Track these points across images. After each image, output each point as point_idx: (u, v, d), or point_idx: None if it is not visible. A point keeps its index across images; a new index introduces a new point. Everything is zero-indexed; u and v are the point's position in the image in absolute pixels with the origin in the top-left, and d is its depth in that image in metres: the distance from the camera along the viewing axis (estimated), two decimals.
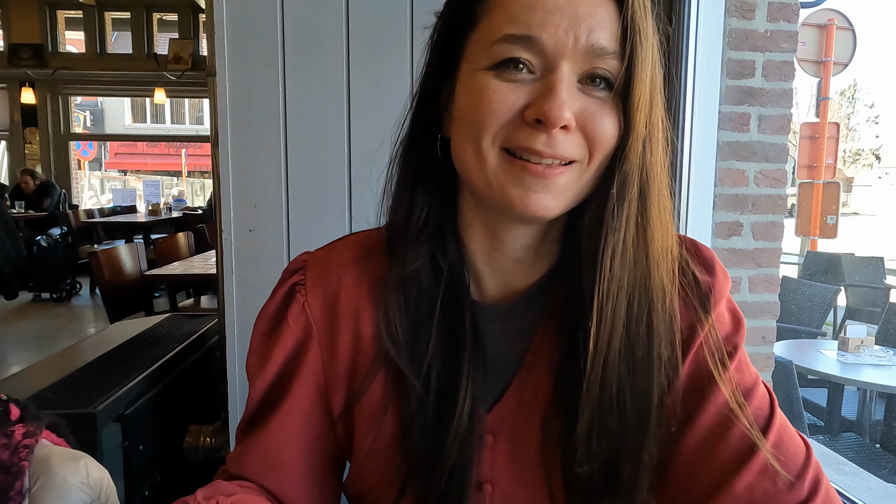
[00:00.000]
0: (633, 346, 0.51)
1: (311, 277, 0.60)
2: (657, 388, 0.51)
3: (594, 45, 0.46)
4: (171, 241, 4.74)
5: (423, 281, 0.55)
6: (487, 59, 0.48)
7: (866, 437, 2.81)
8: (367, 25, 1.36)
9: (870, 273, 6.31)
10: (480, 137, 0.48)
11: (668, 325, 0.52)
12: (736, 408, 0.51)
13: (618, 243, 0.49)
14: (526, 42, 0.46)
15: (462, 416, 0.52)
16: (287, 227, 1.38)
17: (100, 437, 1.13)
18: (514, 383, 0.57)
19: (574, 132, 0.47)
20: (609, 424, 0.50)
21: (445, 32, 0.54)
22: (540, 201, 0.48)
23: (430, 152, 0.56)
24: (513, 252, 0.56)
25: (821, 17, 7.63)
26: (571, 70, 0.47)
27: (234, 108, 1.36)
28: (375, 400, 0.56)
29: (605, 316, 0.49)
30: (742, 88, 1.48)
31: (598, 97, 0.48)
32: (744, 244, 1.51)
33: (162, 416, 1.40)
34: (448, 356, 0.54)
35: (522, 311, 0.58)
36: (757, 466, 0.50)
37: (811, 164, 8.06)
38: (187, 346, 1.61)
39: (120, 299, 3.55)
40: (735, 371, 0.54)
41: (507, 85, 0.47)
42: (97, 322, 5.83)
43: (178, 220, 8.01)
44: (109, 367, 1.41)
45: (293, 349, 0.59)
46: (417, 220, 0.56)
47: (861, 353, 3.00)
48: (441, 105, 0.55)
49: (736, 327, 0.57)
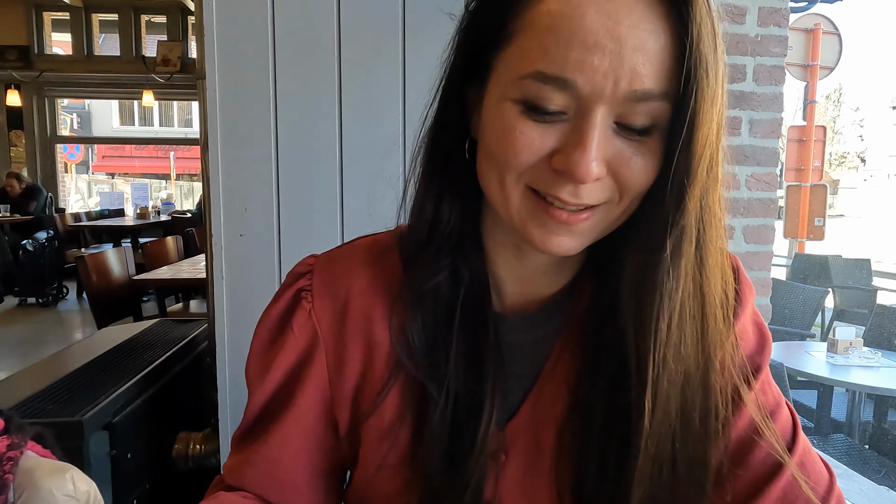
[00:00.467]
0: (688, 409, 0.46)
1: (318, 283, 0.57)
2: (713, 446, 0.47)
3: (638, 90, 0.40)
4: (160, 244, 4.70)
5: (442, 290, 0.53)
6: (516, 92, 0.43)
7: (856, 438, 2.84)
8: (358, 28, 1.36)
9: (857, 275, 6.39)
10: (504, 175, 0.45)
11: (725, 377, 0.48)
12: (761, 429, 0.49)
13: (674, 307, 0.44)
14: (559, 83, 0.41)
15: (486, 433, 0.50)
16: (278, 232, 1.37)
17: (87, 446, 1.11)
18: (529, 397, 0.54)
19: (605, 178, 0.43)
20: (662, 500, 0.47)
21: (474, 34, 0.48)
22: (561, 244, 0.45)
23: (456, 157, 0.52)
24: (537, 265, 0.54)
25: (807, 22, 7.72)
26: (608, 114, 0.41)
27: (224, 112, 1.35)
28: (389, 413, 0.53)
29: (661, 389, 0.45)
30: (733, 93, 1.49)
31: (636, 140, 0.43)
32: (736, 248, 1.52)
33: (151, 423, 1.38)
34: (470, 369, 0.51)
35: (542, 323, 0.55)
36: (776, 493, 0.48)
37: (799, 166, 8.14)
38: (176, 352, 1.59)
39: (108, 304, 3.51)
40: (760, 391, 0.52)
41: (535, 126, 0.43)
42: (84, 327, 5.76)
43: (166, 223, 7.95)
44: (97, 373, 1.39)
45: (298, 358, 0.56)
46: (444, 230, 0.52)
47: (849, 354, 3.03)
48: (469, 105, 0.51)
49: (761, 345, 0.54)
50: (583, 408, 0.51)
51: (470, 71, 0.49)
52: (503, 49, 0.45)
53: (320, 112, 1.37)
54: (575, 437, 0.51)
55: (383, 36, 1.36)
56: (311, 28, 1.35)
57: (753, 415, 0.50)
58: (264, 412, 0.57)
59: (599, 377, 0.50)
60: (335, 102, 1.37)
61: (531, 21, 0.42)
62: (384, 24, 1.36)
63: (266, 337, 0.58)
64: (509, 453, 0.53)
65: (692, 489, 0.47)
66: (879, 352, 3.13)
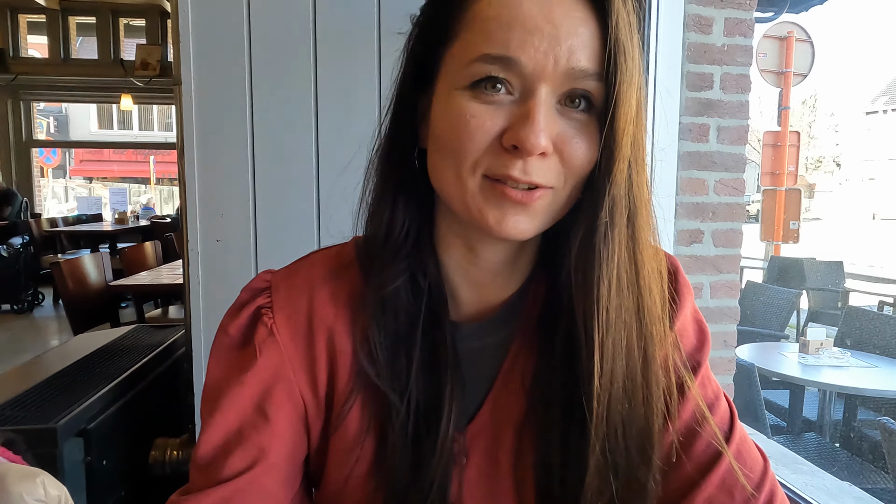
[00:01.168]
0: (632, 376, 0.49)
1: (278, 299, 0.56)
2: (657, 415, 0.50)
3: (574, 67, 0.45)
4: (138, 250, 4.65)
5: (402, 299, 0.53)
6: (464, 79, 0.46)
7: (826, 436, 2.90)
8: (334, 33, 1.37)
9: (830, 277, 6.52)
10: (460, 163, 0.47)
11: (663, 347, 0.51)
12: (701, 420, 0.53)
13: (612, 273, 0.48)
14: (504, 62, 0.45)
15: (446, 438, 0.51)
16: (255, 238, 1.38)
17: (61, 453, 1.10)
18: (488, 400, 0.56)
19: (550, 157, 0.46)
20: (619, 462, 0.49)
21: (421, 43, 0.52)
22: (516, 224, 0.47)
23: (408, 165, 0.54)
24: (490, 266, 0.55)
25: (780, 30, 7.90)
26: (550, 92, 0.45)
27: (201, 117, 1.35)
28: (353, 424, 0.54)
29: (607, 350, 0.48)
30: (701, 100, 1.53)
31: (577, 119, 0.47)
32: (705, 251, 1.56)
33: (127, 429, 1.38)
34: (429, 376, 0.53)
35: (497, 327, 0.57)
36: (716, 480, 0.51)
37: (774, 171, 8.31)
38: (154, 358, 1.58)
39: (84, 310, 3.47)
40: (699, 386, 0.55)
41: (485, 108, 0.46)
42: (60, 334, 5.67)
43: (145, 228, 7.85)
44: (72, 380, 1.38)
45: (267, 380, 0.54)
46: (399, 236, 0.54)
47: (820, 354, 3.10)
48: (418, 116, 0.53)
49: (701, 342, 0.58)
50: (540, 406, 0.52)
51: (419, 77, 0.52)
52: (449, 47, 0.49)
53: (297, 117, 1.38)
54: (534, 435, 0.53)
55: (359, 42, 1.37)
56: (287, 34, 1.36)
57: (695, 408, 0.53)
58: (232, 440, 0.53)
59: (555, 375, 0.51)
60: (311, 108, 1.38)
61: (473, 16, 0.47)
62: (360, 31, 1.37)
63: (227, 357, 0.56)
64: (470, 455, 0.54)
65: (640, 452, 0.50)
66: (849, 352, 3.21)
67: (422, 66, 0.52)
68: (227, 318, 0.57)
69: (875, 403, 3.05)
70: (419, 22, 0.53)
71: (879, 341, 3.38)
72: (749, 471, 0.52)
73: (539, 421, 0.52)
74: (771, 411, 3.06)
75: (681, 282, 0.58)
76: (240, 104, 1.36)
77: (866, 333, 3.48)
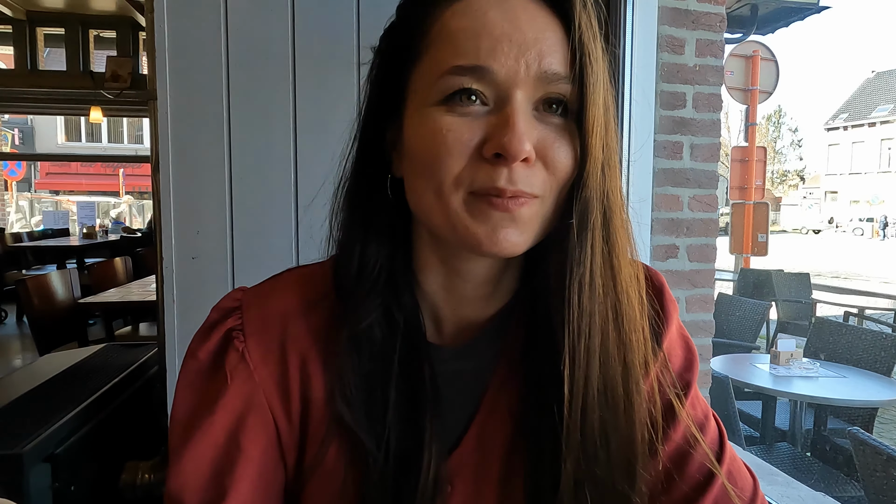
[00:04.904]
0: (611, 384, 0.48)
1: (249, 321, 0.53)
2: (640, 426, 0.49)
3: (546, 71, 0.44)
4: (108, 266, 4.55)
5: (376, 335, 0.51)
6: (437, 94, 0.45)
7: (798, 446, 2.96)
8: (313, 47, 1.37)
9: (797, 288, 6.70)
10: (441, 181, 0.45)
11: (643, 355, 0.50)
12: (693, 442, 0.52)
13: (584, 275, 0.47)
14: (476, 72, 0.44)
15: (427, 477, 0.49)
16: (231, 255, 1.35)
17: (27, 480, 1.06)
18: (473, 425, 0.54)
19: (535, 164, 0.45)
20: (597, 473, 0.48)
21: (385, 68, 0.51)
22: (508, 237, 0.45)
23: (380, 196, 0.52)
24: (473, 287, 0.53)
25: (746, 49, 8.16)
26: (526, 98, 0.45)
27: (176, 132, 1.33)
28: (331, 464, 0.51)
29: (579, 355, 0.47)
30: (675, 119, 1.57)
31: (555, 124, 0.46)
32: (680, 266, 1.58)
33: (97, 453, 1.33)
34: (408, 414, 0.50)
35: (481, 349, 0.55)
36: (709, 502, 0.51)
37: (742, 185, 8.53)
38: (125, 378, 1.54)
39: (50, 328, 3.37)
40: (689, 406, 0.54)
41: (461, 120, 0.45)
42: (25, 353, 5.48)
43: (114, 243, 7.68)
44: (38, 403, 1.33)
45: (237, 408, 0.52)
46: (371, 272, 0.51)
47: (791, 365, 3.16)
48: (388, 144, 0.52)
49: (689, 360, 0.57)
50: (529, 433, 0.51)
51: (387, 106, 0.51)
52: (417, 66, 0.48)
53: (274, 133, 1.37)
54: (522, 456, 0.51)
55: (338, 57, 1.38)
56: (265, 48, 1.36)
57: (685, 430, 0.53)
58: (212, 471, 0.50)
59: (543, 398, 0.50)
60: (290, 123, 1.37)
61: (439, 31, 0.46)
62: (338, 46, 1.37)
63: (197, 384, 0.53)
64: (455, 484, 0.52)
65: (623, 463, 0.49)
66: (818, 362, 3.28)
67: (388, 92, 0.50)
68: (196, 342, 0.55)
69: (844, 413, 3.12)
70: (381, 49, 0.52)
71: (847, 353, 3.47)
72: (740, 491, 0.52)
73: (528, 447, 0.51)
74: (744, 422, 3.11)
75: (667, 298, 0.57)
76: (216, 119, 1.35)
77: (834, 344, 3.57)
